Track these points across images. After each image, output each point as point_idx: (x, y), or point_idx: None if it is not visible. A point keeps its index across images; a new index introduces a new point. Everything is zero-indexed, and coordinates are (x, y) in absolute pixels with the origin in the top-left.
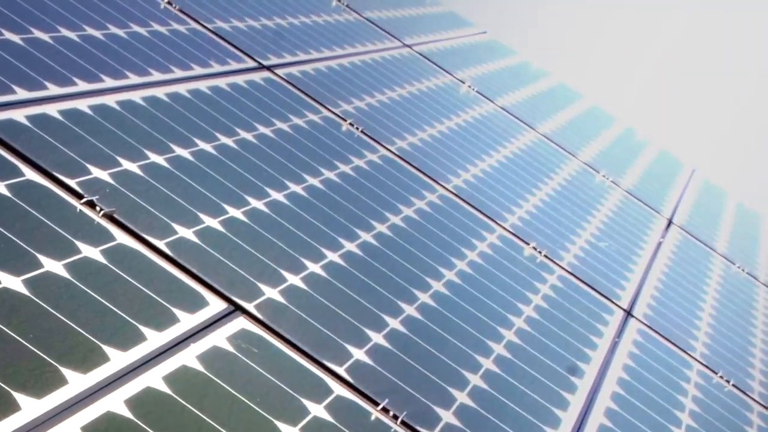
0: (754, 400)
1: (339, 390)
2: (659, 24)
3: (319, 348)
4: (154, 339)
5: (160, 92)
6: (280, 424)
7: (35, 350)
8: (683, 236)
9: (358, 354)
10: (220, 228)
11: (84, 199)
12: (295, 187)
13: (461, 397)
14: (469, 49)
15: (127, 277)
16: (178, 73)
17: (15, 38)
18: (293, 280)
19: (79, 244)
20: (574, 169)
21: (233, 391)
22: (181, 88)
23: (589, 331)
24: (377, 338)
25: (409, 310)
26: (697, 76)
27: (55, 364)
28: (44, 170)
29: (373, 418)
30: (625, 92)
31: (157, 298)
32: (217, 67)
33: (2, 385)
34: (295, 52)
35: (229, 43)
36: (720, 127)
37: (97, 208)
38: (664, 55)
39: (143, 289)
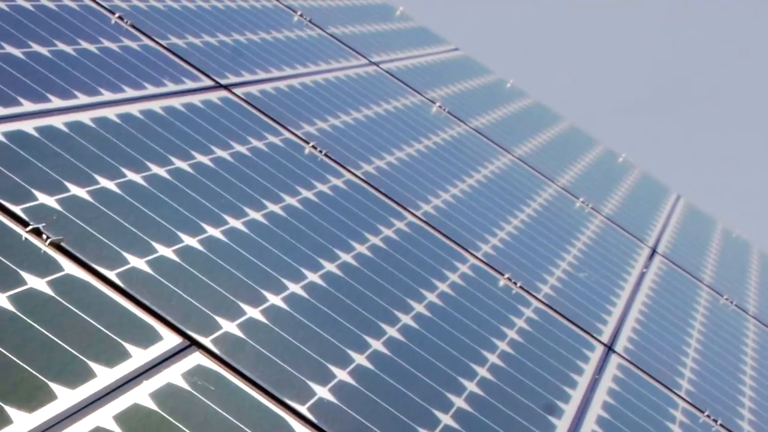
0: None
1: (301, 430)
2: (641, 42)
3: (280, 385)
4: (105, 376)
5: (110, 113)
6: None
7: None
8: (668, 266)
9: (322, 392)
10: (174, 258)
11: (30, 227)
12: (254, 214)
13: None
14: (440, 67)
15: (76, 310)
16: (130, 93)
17: None
18: (252, 313)
19: (25, 275)
20: (552, 194)
21: (188, 431)
22: (133, 109)
23: (567, 367)
24: (342, 375)
25: (376, 344)
26: (682, 96)
27: None
28: None
29: None
30: (606, 113)
31: (108, 332)
32: (171, 86)
33: None
34: (255, 71)
35: (184, 60)
36: (706, 151)
37: (44, 237)
38: (646, 75)
39: (93, 322)
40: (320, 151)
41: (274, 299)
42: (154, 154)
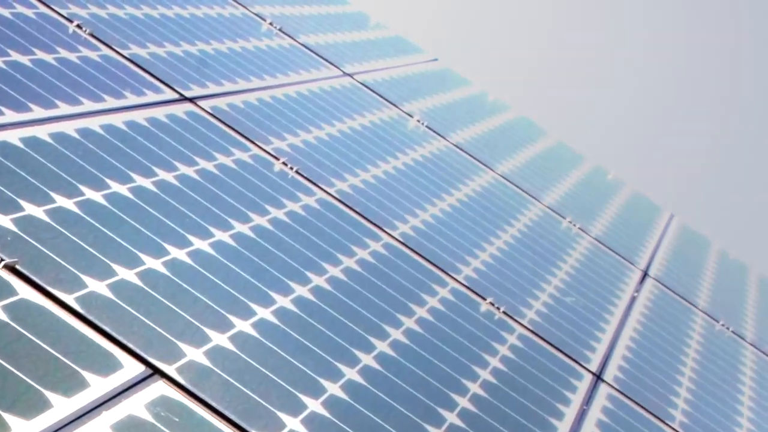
0: None
1: None
2: (631, 55)
3: (248, 416)
4: (62, 406)
5: (68, 127)
6: None
7: None
8: (660, 290)
9: (293, 423)
10: (136, 281)
11: None
12: (221, 235)
13: None
14: (418, 79)
15: (31, 336)
16: (89, 106)
17: None
18: (219, 339)
19: None
20: (537, 213)
21: None
22: (93, 123)
23: (554, 397)
24: (314, 405)
25: (350, 373)
26: (675, 110)
27: None
28: None
29: None
30: (594, 128)
31: (65, 360)
32: (132, 99)
33: None
34: (221, 82)
35: (147, 71)
36: (700, 168)
37: None
38: (635, 89)
39: (49, 349)
40: (291, 168)
41: (242, 325)
42: (114, 170)
